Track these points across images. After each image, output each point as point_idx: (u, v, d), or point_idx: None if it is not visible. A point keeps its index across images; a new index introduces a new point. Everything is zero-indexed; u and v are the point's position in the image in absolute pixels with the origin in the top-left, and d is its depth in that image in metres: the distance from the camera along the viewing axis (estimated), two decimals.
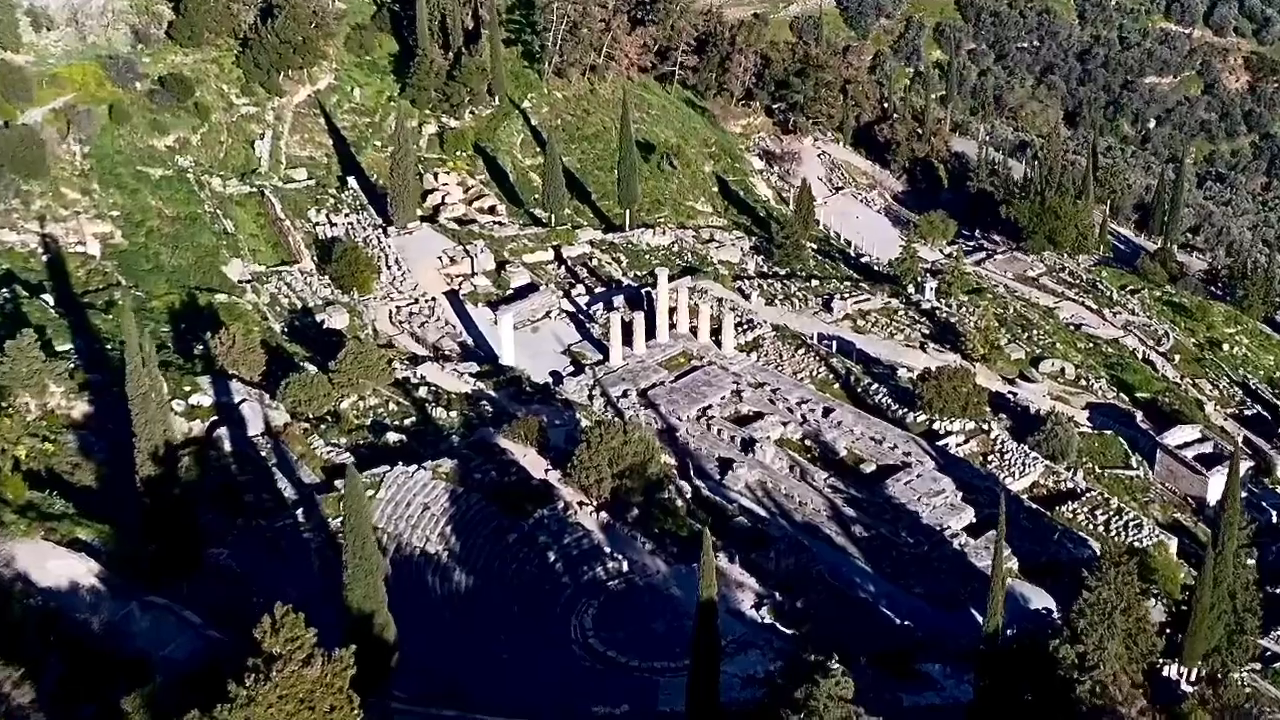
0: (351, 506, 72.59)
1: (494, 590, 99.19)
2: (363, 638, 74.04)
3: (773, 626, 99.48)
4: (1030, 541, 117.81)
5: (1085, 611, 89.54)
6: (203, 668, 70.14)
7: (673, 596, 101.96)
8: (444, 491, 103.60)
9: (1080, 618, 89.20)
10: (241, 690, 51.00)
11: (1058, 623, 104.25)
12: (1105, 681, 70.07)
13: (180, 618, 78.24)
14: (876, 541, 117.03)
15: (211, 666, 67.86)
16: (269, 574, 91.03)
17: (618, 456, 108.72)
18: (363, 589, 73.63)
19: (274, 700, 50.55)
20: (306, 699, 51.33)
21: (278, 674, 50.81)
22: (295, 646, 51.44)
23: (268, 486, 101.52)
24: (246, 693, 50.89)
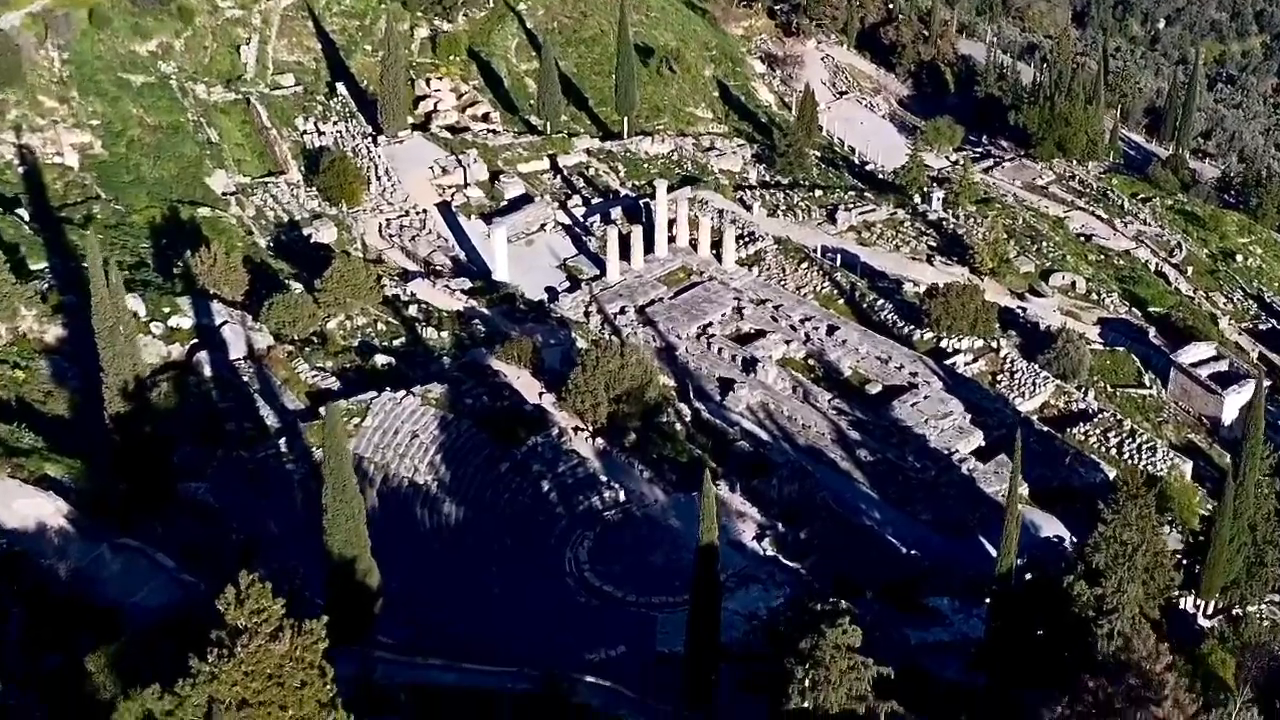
0: (332, 447, 68.18)
1: (485, 522, 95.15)
2: (344, 585, 70.27)
3: (775, 559, 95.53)
4: (1041, 466, 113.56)
5: (1100, 546, 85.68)
6: (174, 619, 66.16)
7: (671, 528, 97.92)
8: (433, 419, 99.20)
9: (1095, 552, 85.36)
10: (204, 666, 46.68)
11: (1070, 553, 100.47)
12: (1128, 634, 65.88)
13: (153, 561, 74.16)
14: (882, 466, 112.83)
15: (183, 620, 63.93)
16: (249, 508, 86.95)
17: (614, 380, 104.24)
18: (344, 534, 69.46)
19: (239, 677, 46.28)
20: (275, 674, 47.11)
21: (243, 649, 46.51)
22: (262, 619, 47.14)
23: (249, 414, 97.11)
24: (210, 668, 46.58)
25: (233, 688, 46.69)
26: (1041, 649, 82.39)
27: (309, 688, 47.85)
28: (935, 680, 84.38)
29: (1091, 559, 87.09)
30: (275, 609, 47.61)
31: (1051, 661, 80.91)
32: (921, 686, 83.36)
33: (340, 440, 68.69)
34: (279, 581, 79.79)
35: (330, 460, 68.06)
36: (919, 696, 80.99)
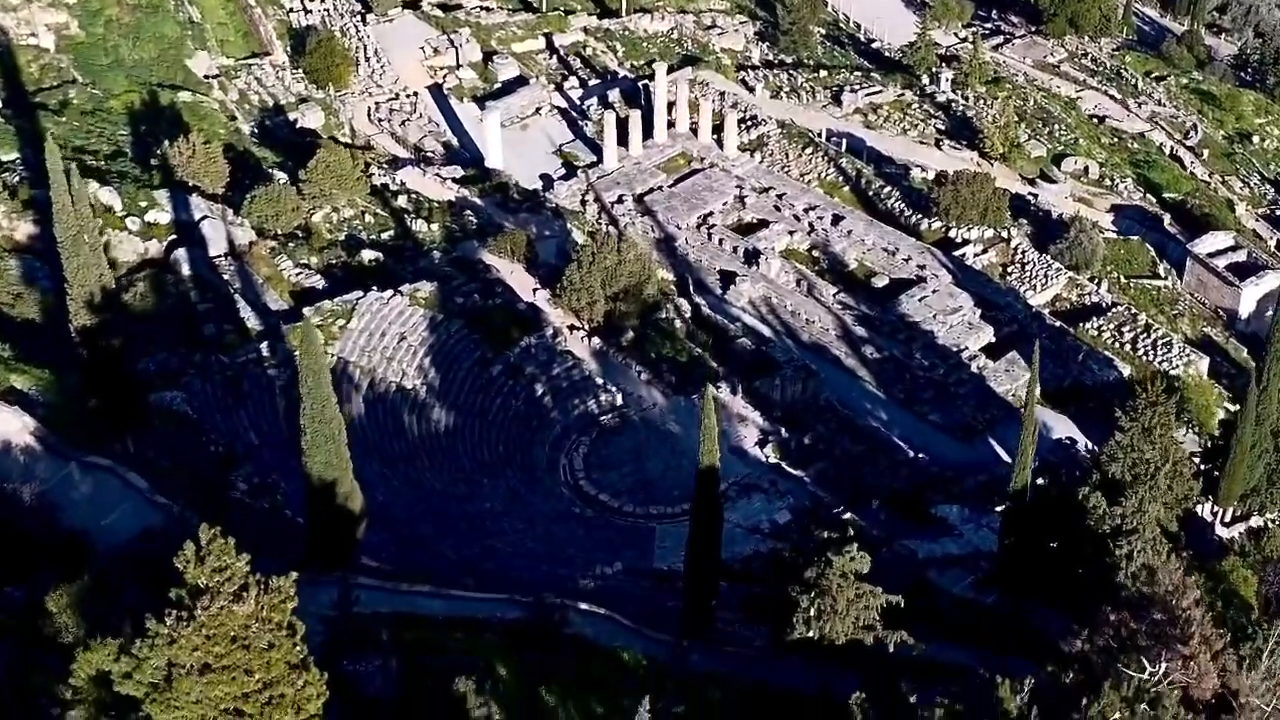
0: (308, 365, 63.60)
1: (477, 428, 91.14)
2: (324, 510, 66.25)
3: (778, 466, 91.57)
4: (1053, 363, 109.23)
5: (1117, 455, 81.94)
6: (143, 551, 62.13)
7: (670, 433, 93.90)
8: (422, 319, 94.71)
9: (1112, 462, 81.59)
10: (161, 628, 42.63)
11: (1085, 460, 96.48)
12: (1153, 566, 61.90)
13: (124, 481, 70.01)
14: (888, 364, 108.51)
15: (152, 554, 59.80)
16: (228, 418, 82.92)
17: (611, 277, 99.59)
18: (323, 456, 65.14)
19: (199, 641, 42.22)
20: (240, 636, 43.00)
21: (203, 611, 42.35)
22: (224, 578, 42.94)
23: (229, 316, 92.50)
24: (169, 631, 42.54)
25: (193, 652, 42.62)
26: (1055, 567, 78.76)
27: (277, 650, 43.83)
28: (945, 599, 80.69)
29: (1107, 469, 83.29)
30: (239, 566, 43.37)
31: (1066, 580, 77.36)
32: (931, 605, 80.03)
33: (317, 357, 64.13)
34: (259, 497, 76.92)
35: (307, 379, 63.54)
36: (928, 616, 77.64)
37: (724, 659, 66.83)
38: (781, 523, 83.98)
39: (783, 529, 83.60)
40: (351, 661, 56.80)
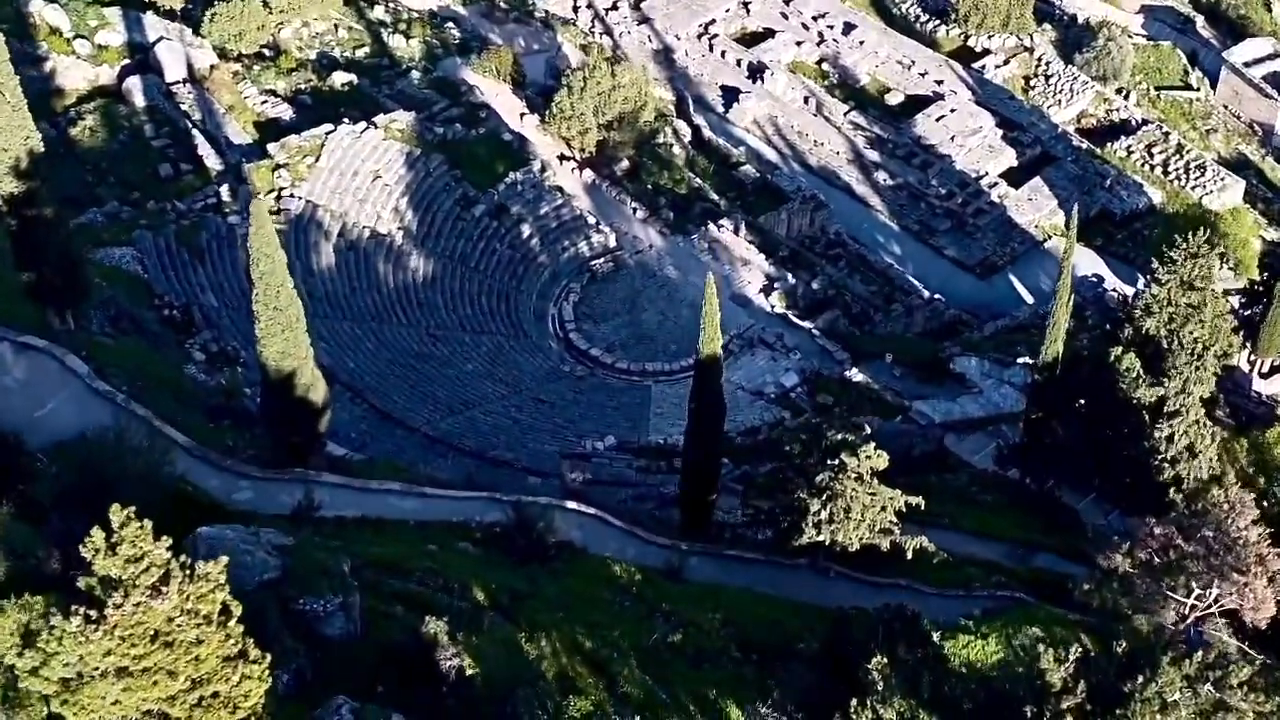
0: (260, 249, 55.37)
1: (458, 277, 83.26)
2: (282, 403, 58.85)
3: (784, 317, 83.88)
4: (1079, 190, 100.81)
5: (1152, 309, 74.73)
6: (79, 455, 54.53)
7: (667, 279, 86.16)
8: (399, 154, 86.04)
9: (1146, 316, 74.46)
10: (68, 625, 35.63)
11: (1112, 298, 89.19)
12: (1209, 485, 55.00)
13: (62, 365, 62.17)
14: (903, 192, 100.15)
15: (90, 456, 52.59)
16: (184, 275, 74.92)
17: (605, 104, 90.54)
18: (279, 345, 57.34)
19: (113, 644, 35.27)
20: (162, 633, 36.01)
21: (116, 610, 35.30)
22: (140, 570, 35.74)
23: (187, 153, 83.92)
24: (76, 631, 35.55)
25: (105, 656, 35.69)
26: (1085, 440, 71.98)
27: (206, 645, 36.83)
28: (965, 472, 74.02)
29: (1141, 323, 76.22)
30: (157, 554, 36.05)
31: (1097, 456, 70.65)
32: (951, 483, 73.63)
33: (269, 239, 55.82)
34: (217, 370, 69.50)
35: (259, 263, 55.40)
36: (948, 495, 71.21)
37: (726, 567, 60.13)
38: (788, 386, 76.88)
39: (789, 394, 76.42)
40: (309, 600, 49.81)
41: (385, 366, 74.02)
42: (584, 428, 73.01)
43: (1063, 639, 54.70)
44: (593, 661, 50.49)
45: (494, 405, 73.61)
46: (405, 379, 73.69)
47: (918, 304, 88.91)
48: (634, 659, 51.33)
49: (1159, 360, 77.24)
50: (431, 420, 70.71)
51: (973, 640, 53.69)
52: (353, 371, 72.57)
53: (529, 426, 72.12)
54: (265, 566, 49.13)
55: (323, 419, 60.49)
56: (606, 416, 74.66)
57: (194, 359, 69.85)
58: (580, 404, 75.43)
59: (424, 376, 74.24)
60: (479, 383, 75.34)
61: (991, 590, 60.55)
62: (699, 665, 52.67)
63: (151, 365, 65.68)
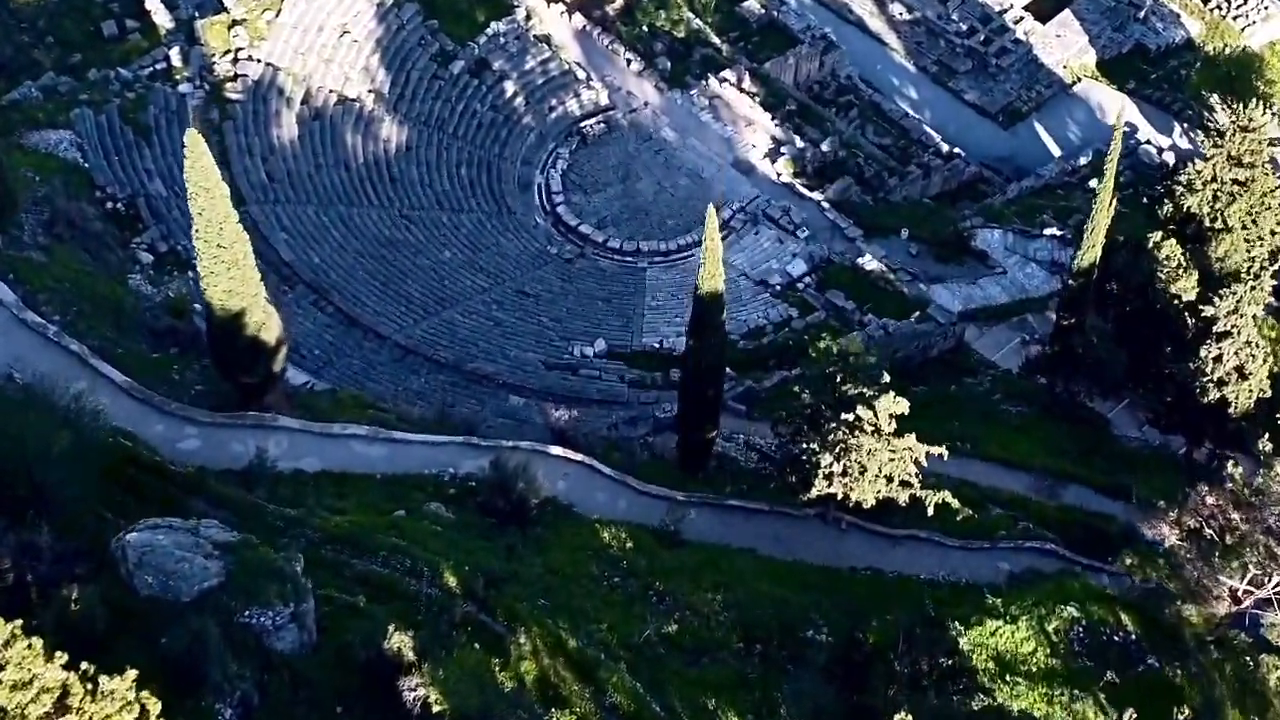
0: (198, 182, 47.44)
1: (436, 145, 74.76)
2: (231, 347, 51.53)
3: (791, 187, 75.60)
4: (1110, 24, 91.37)
5: (1195, 186, 67.17)
6: None
7: (664, 142, 77.61)
8: (368, 5, 76.67)
9: (1189, 193, 67.10)
10: None
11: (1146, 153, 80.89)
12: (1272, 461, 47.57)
13: None
14: (920, 27, 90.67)
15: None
16: (129, 159, 66.45)
17: None
18: (225, 283, 49.73)
19: None
20: None
21: None
22: (29, 698, 29.12)
23: (132, 8, 74.62)
24: None
25: None
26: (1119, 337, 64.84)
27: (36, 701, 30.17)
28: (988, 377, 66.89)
29: (1183, 200, 68.67)
30: (50, 675, 29.34)
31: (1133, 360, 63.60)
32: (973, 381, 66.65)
33: (205, 168, 47.59)
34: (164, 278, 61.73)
35: (198, 197, 47.64)
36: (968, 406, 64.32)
37: (727, 520, 53.35)
38: (795, 275, 69.29)
39: (796, 286, 68.82)
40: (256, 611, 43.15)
41: (353, 259, 66.27)
42: (572, 327, 65.72)
43: (1100, 619, 48.81)
44: (578, 665, 44.10)
45: (473, 302, 66.13)
46: (376, 274, 66.01)
47: (935, 163, 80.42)
48: (624, 659, 45.04)
49: (1201, 244, 70.02)
50: (404, 326, 63.23)
51: (1001, 626, 47.25)
52: (317, 268, 64.92)
53: (511, 329, 64.77)
54: (205, 574, 42.15)
55: (277, 357, 53.11)
56: (596, 312, 67.33)
57: (140, 262, 62.17)
58: (568, 296, 67.95)
59: (396, 270, 66.53)
60: (457, 274, 67.67)
61: (1019, 541, 53.86)
62: (697, 661, 46.46)
63: (89, 282, 57.95)
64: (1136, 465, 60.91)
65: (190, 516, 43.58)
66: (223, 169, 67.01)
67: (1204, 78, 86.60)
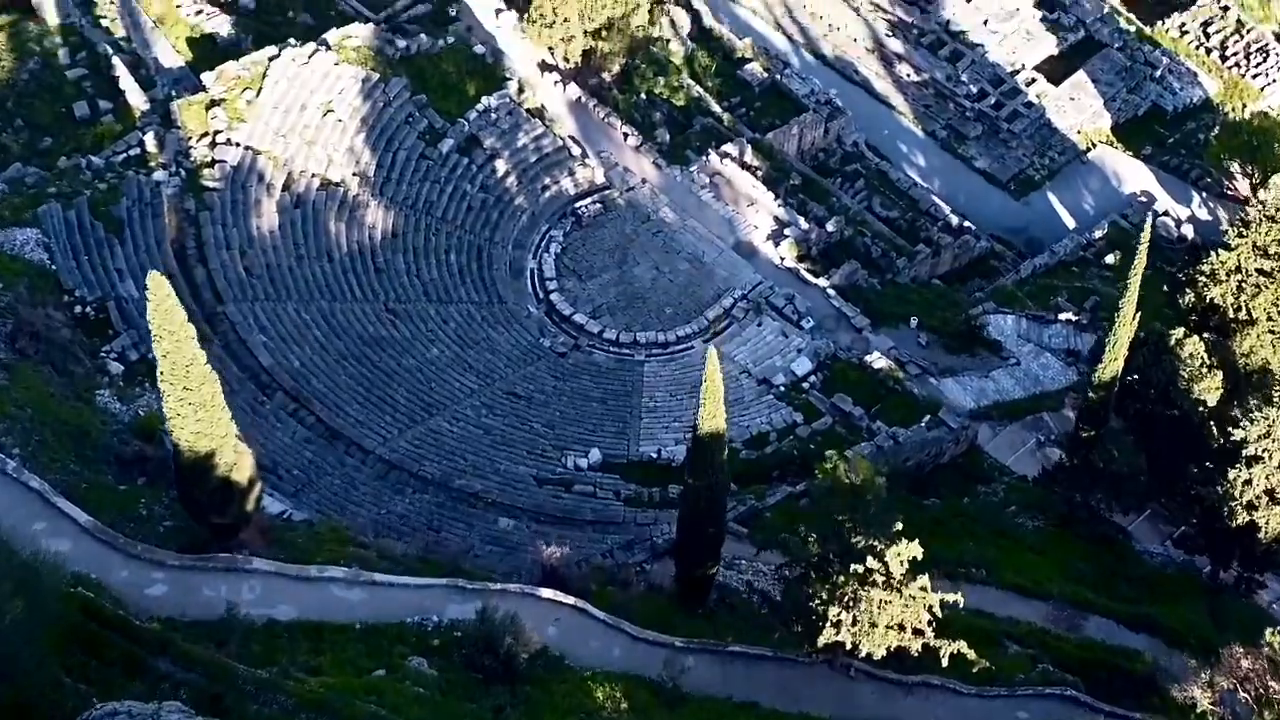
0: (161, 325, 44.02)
1: (423, 230, 71.32)
2: (199, 488, 48.15)
3: (795, 272, 72.07)
4: (1126, 85, 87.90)
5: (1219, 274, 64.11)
6: None
7: (662, 223, 74.22)
8: (353, 81, 73.02)
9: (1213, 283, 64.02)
10: None
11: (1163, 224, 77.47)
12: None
13: None
14: (929, 89, 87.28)
15: None
16: (98, 260, 62.91)
17: (592, 8, 76.87)
18: (192, 425, 46.38)
19: None
20: None
21: None
22: None
23: (107, 85, 71.09)
24: None
25: None
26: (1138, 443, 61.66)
27: None
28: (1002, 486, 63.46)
29: (1205, 291, 65.68)
30: None
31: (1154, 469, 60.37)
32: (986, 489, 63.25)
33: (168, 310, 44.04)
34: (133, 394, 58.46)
35: (162, 339, 44.24)
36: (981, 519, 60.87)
37: (729, 670, 49.91)
38: (800, 374, 65.78)
39: (801, 385, 65.34)
40: None
41: (335, 361, 62.80)
42: (565, 434, 62.28)
43: None
44: None
45: (462, 406, 62.68)
46: (359, 378, 62.53)
47: (945, 240, 76.96)
48: None
49: (1225, 336, 66.87)
50: (388, 438, 59.71)
51: None
52: (297, 373, 61.45)
53: (501, 437, 61.31)
54: None
55: (250, 497, 49.74)
56: (591, 415, 63.92)
57: (109, 373, 58.71)
58: (561, 396, 64.51)
59: (381, 373, 63.03)
60: (445, 374, 64.24)
61: (1039, 688, 50.46)
62: None
63: (53, 406, 54.54)
64: (1160, 589, 57.55)
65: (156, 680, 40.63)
66: (199, 265, 64.55)
67: (1224, 144, 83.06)
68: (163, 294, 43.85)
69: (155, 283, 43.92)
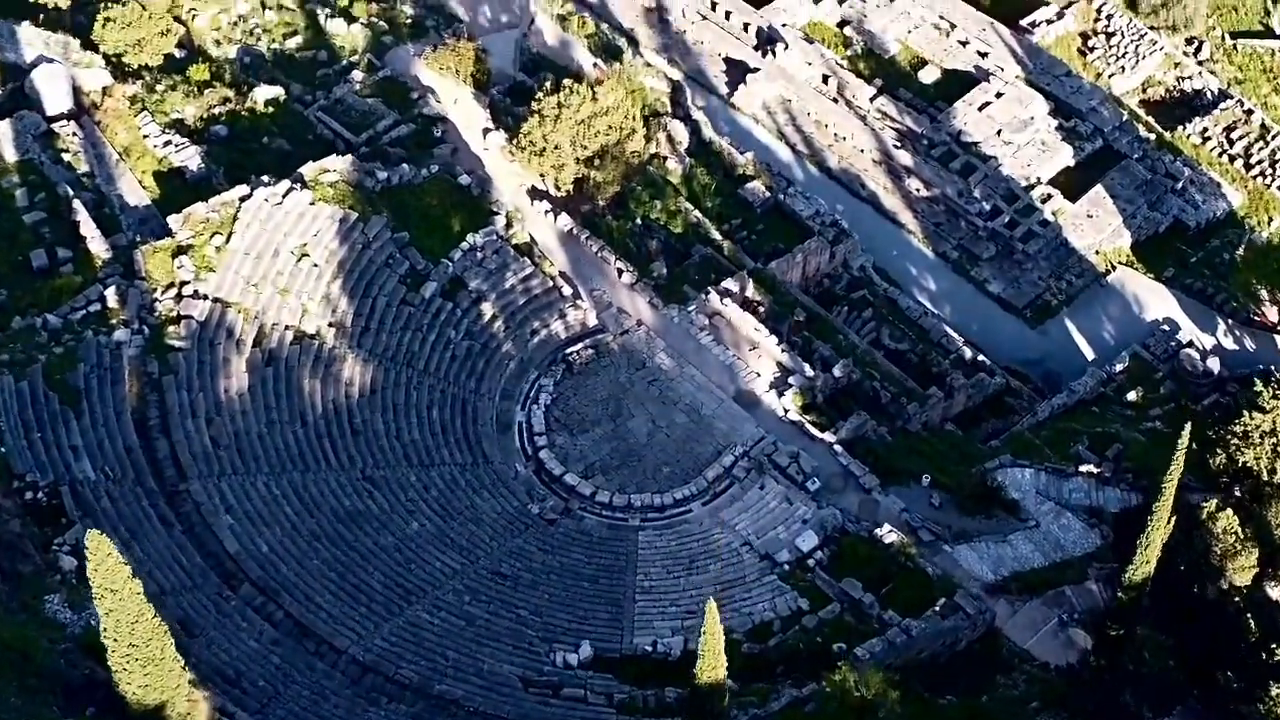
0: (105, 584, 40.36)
1: (404, 385, 66.73)
2: None
3: (800, 425, 67.43)
4: (1147, 199, 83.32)
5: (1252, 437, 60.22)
6: None
7: (658, 370, 69.62)
8: (330, 221, 68.54)
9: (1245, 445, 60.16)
10: None
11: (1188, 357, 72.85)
12: None
13: None
14: (939, 206, 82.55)
15: None
16: (52, 437, 58.37)
17: (585, 135, 72.47)
18: (140, 679, 42.34)
19: None
20: None
21: None
22: None
23: (68, 230, 66.52)
24: None
25: None
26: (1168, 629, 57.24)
27: None
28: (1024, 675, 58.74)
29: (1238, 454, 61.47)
30: None
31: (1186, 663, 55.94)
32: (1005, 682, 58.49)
33: (110, 570, 40.30)
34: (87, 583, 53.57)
35: (103, 599, 40.25)
36: None
37: None
38: (805, 550, 61.07)
39: (806, 562, 60.71)
40: None
41: (307, 545, 58.26)
42: (553, 622, 57.86)
43: None
44: None
45: (443, 591, 58.19)
46: (332, 562, 58.04)
47: (959, 382, 72.34)
48: None
49: (1258, 503, 62.56)
50: (364, 634, 55.18)
51: None
52: (266, 560, 56.95)
53: (485, 628, 56.84)
54: None
55: None
56: (581, 597, 59.42)
57: (61, 570, 54.11)
58: (550, 575, 60.02)
59: (356, 555, 58.52)
60: (425, 553, 59.72)
61: None
62: None
63: None
64: None
65: None
66: (162, 437, 59.92)
67: (1250, 268, 78.51)
68: (103, 553, 40.44)
69: (95, 542, 40.52)
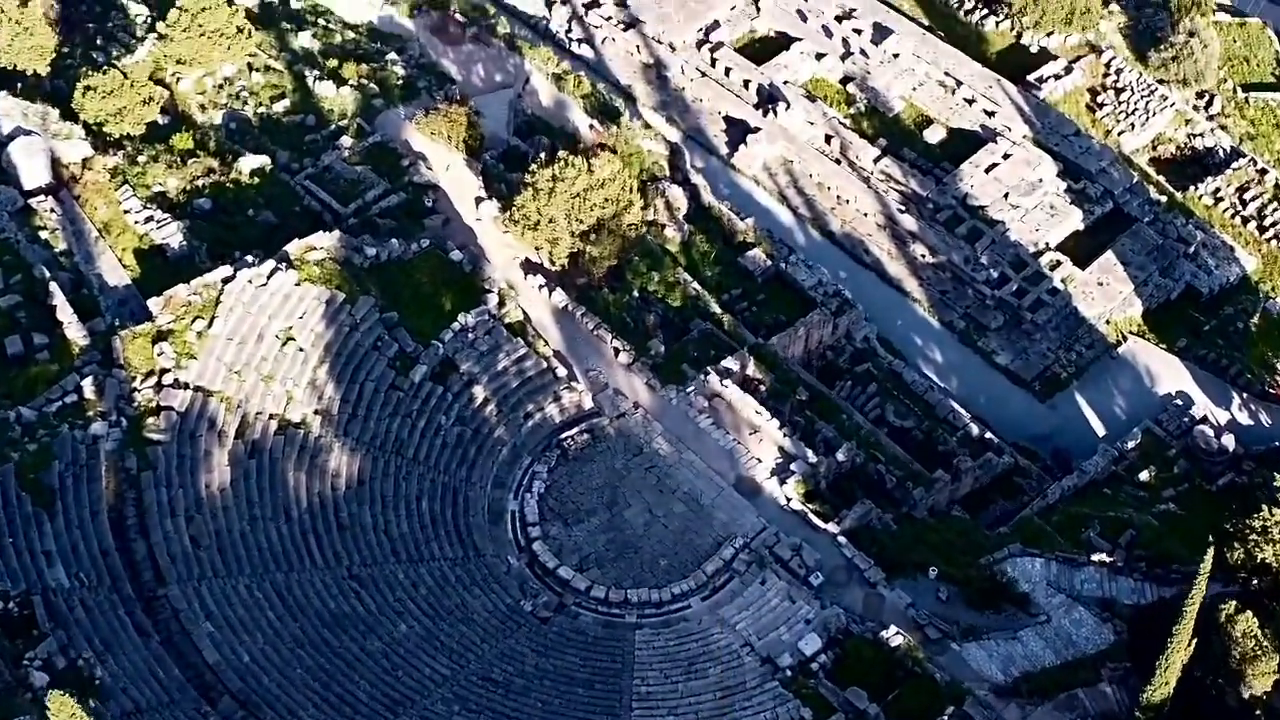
0: None
1: (393, 475, 64.32)
2: None
3: (803, 515, 64.99)
4: (1158, 265, 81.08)
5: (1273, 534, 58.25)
6: None
7: (656, 455, 67.09)
8: (316, 302, 66.19)
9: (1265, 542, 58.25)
10: None
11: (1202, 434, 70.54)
12: None
13: None
14: (945, 273, 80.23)
15: None
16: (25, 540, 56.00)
17: (580, 208, 70.13)
18: None
19: None
20: None
21: None
22: None
23: (42, 316, 64.10)
24: None
25: None
26: None
27: None
28: None
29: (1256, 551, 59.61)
30: None
31: None
32: None
33: None
34: None
35: None
36: None
37: None
38: (809, 654, 58.66)
39: (810, 666, 58.32)
40: None
41: (290, 652, 55.92)
42: None
43: None
44: None
45: (431, 701, 55.87)
46: (316, 671, 55.77)
47: (966, 464, 69.92)
48: None
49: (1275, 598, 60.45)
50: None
51: None
52: (247, 671, 54.65)
53: None
54: None
55: None
56: (576, 705, 56.94)
57: (32, 686, 51.54)
58: (543, 679, 57.69)
59: (341, 662, 56.20)
60: (413, 658, 57.42)
61: None
62: None
63: None
64: None
65: None
66: (139, 538, 57.63)
67: (1265, 340, 76.23)
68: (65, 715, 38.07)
69: (57, 704, 38.25)
